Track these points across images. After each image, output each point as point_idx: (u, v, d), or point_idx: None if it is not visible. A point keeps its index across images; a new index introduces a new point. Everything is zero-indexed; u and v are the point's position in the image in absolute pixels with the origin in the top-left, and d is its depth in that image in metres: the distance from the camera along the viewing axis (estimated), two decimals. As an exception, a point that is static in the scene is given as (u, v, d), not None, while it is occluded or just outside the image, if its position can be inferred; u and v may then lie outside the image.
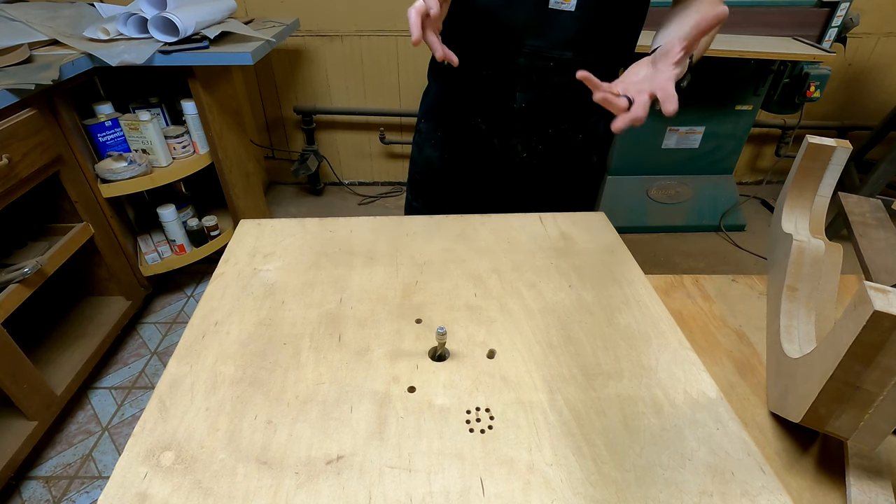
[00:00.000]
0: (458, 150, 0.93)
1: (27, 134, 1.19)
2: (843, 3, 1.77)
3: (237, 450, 0.44)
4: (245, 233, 0.74)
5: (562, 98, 0.83)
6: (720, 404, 0.49)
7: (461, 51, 0.80)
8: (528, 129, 0.87)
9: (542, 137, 0.88)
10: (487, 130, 0.88)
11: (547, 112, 0.85)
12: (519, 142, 0.88)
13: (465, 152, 0.92)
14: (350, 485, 0.42)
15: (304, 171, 2.34)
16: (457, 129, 0.91)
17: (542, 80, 0.81)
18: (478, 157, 0.92)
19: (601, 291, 0.63)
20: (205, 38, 1.48)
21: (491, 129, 0.88)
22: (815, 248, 0.63)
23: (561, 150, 0.90)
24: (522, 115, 0.84)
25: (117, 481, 0.42)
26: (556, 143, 0.89)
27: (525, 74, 0.80)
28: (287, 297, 0.62)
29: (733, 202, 2.24)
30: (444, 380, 0.51)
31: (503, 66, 0.80)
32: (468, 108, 0.88)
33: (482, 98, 0.85)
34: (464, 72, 0.83)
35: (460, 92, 0.87)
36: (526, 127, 0.87)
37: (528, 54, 0.78)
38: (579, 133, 0.89)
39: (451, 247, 0.71)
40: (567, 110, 0.86)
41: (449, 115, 0.91)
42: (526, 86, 0.81)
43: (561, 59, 0.78)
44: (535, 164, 0.91)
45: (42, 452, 1.35)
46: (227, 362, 0.53)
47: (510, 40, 0.78)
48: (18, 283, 1.19)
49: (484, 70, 0.82)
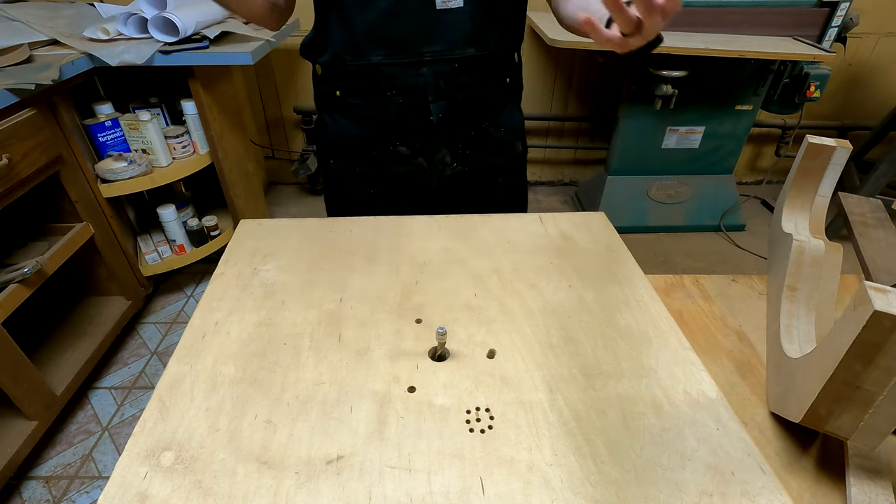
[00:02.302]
0: (385, 182, 0.88)
1: (27, 134, 1.19)
2: (843, 3, 1.77)
3: (237, 450, 0.44)
4: (245, 233, 0.74)
5: (475, 96, 0.81)
6: (720, 404, 0.49)
7: (358, 78, 0.78)
8: (452, 137, 0.84)
9: (467, 142, 0.85)
10: (410, 152, 0.84)
11: (465, 115, 0.82)
12: (446, 153, 0.85)
13: (393, 181, 0.87)
14: (350, 485, 0.42)
15: (304, 171, 2.34)
16: (376, 161, 0.85)
17: (451, 84, 0.78)
18: (408, 182, 0.87)
19: (601, 291, 0.63)
20: (205, 38, 1.48)
21: (413, 150, 0.84)
22: (816, 248, 0.63)
23: (488, 149, 0.88)
24: (442, 125, 0.81)
25: (117, 481, 0.42)
26: (481, 142, 0.86)
27: (433, 83, 0.77)
28: (287, 297, 0.62)
29: (733, 202, 2.24)
30: (444, 380, 0.51)
31: (408, 80, 0.77)
32: (381, 136, 0.83)
33: (395, 121, 0.81)
34: (367, 98, 0.79)
35: (367, 120, 0.82)
36: (449, 136, 0.83)
37: (430, 62, 0.75)
38: (501, 127, 0.87)
39: (451, 247, 0.71)
40: (483, 107, 0.84)
41: (361, 148, 0.85)
42: (437, 95, 0.78)
43: (464, 58, 0.76)
44: (467, 171, 0.88)
45: (42, 452, 1.35)
46: (227, 362, 0.53)
47: (408, 52, 0.75)
48: (18, 283, 1.19)
49: (388, 91, 0.78)
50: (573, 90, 2.39)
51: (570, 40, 1.70)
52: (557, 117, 2.45)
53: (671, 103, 1.87)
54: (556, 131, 2.53)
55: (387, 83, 0.77)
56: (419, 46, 0.74)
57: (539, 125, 2.48)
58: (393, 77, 0.77)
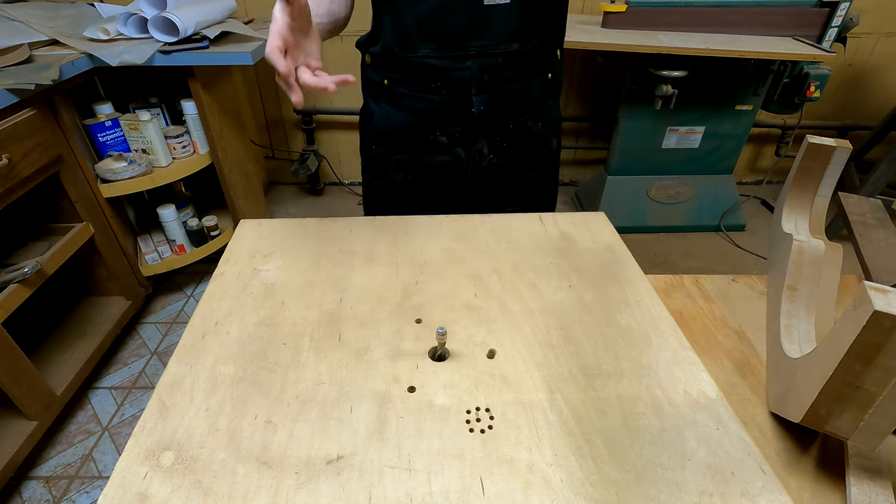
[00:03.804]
0: (423, 170, 0.89)
1: (27, 134, 1.19)
2: (843, 3, 1.77)
3: (237, 450, 0.44)
4: (245, 233, 0.74)
5: (517, 90, 0.83)
6: (720, 404, 0.49)
7: (406, 69, 0.80)
8: (491, 130, 0.85)
9: (505, 135, 0.87)
10: (449, 142, 0.86)
11: (506, 108, 0.84)
12: (484, 145, 0.87)
13: (431, 169, 0.89)
14: (350, 485, 0.42)
15: (304, 171, 2.34)
16: (417, 148, 0.87)
17: (494, 78, 0.80)
18: (445, 171, 0.89)
19: (601, 291, 0.63)
20: (205, 38, 1.48)
21: (453, 140, 0.86)
22: (815, 248, 0.63)
23: (525, 143, 0.89)
24: (482, 117, 0.83)
25: (117, 481, 0.42)
26: (519, 136, 0.88)
27: (477, 77, 0.79)
28: (287, 297, 0.62)
29: (733, 202, 2.24)
30: (444, 380, 0.51)
31: (453, 73, 0.79)
32: (424, 125, 0.85)
33: (438, 111, 0.83)
34: (413, 88, 0.81)
35: (412, 110, 0.84)
36: (488, 128, 0.85)
37: (475, 56, 0.77)
38: (539, 122, 0.88)
39: (451, 247, 0.71)
40: (524, 101, 0.85)
41: (403, 136, 0.87)
42: (480, 88, 0.80)
43: (508, 52, 0.78)
44: (503, 163, 0.90)
45: (42, 452, 1.35)
46: (227, 362, 0.53)
47: (455, 46, 0.77)
48: (18, 283, 1.19)
49: (434, 83, 0.80)
50: (573, 90, 2.39)
51: (570, 40, 1.70)
52: (557, 117, 2.45)
53: (671, 103, 1.87)
54: (556, 131, 2.53)
55: (433, 75, 0.79)
56: (466, 41, 0.76)
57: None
58: (439, 70, 0.79)
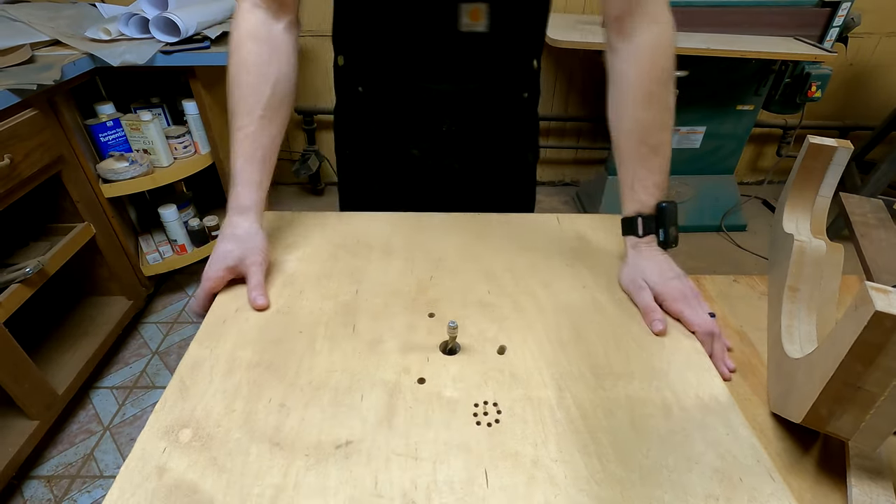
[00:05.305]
0: (391, 178, 0.89)
1: (29, 134, 1.19)
2: (844, 3, 1.77)
3: (251, 430, 0.45)
4: (268, 224, 0.75)
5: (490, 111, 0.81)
6: (731, 409, 0.48)
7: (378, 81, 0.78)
8: (463, 147, 0.84)
9: (476, 150, 0.85)
10: (420, 155, 0.84)
11: (478, 128, 0.82)
12: (453, 161, 0.85)
13: (399, 178, 0.88)
14: (357, 469, 0.42)
15: (305, 171, 2.34)
16: (387, 159, 0.86)
17: (467, 100, 0.78)
18: (414, 180, 0.88)
19: (615, 293, 0.63)
20: (206, 39, 1.48)
21: (423, 153, 0.84)
22: (817, 249, 0.63)
23: (497, 158, 0.87)
24: (452, 135, 0.81)
25: (138, 454, 0.43)
26: (492, 153, 0.86)
27: (450, 95, 0.77)
28: (305, 287, 0.63)
29: (734, 202, 2.24)
30: (453, 373, 0.52)
31: (424, 93, 0.77)
32: (394, 138, 0.83)
33: (408, 126, 0.81)
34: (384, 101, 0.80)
35: (382, 122, 0.82)
36: (461, 145, 0.83)
37: (449, 79, 0.76)
38: (513, 138, 0.86)
39: (466, 244, 0.71)
40: (497, 121, 0.83)
41: (374, 145, 0.86)
42: (453, 107, 0.79)
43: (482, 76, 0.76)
44: (474, 177, 0.88)
45: (44, 452, 1.35)
46: (245, 347, 0.54)
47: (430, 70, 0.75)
48: (20, 282, 1.20)
49: (404, 99, 0.79)
50: (574, 90, 2.39)
51: (571, 40, 1.70)
52: (558, 117, 2.45)
53: (672, 103, 1.87)
54: (557, 131, 2.53)
55: (404, 92, 0.78)
56: (441, 66, 0.75)
57: (539, 125, 2.48)
58: (410, 89, 0.78)
